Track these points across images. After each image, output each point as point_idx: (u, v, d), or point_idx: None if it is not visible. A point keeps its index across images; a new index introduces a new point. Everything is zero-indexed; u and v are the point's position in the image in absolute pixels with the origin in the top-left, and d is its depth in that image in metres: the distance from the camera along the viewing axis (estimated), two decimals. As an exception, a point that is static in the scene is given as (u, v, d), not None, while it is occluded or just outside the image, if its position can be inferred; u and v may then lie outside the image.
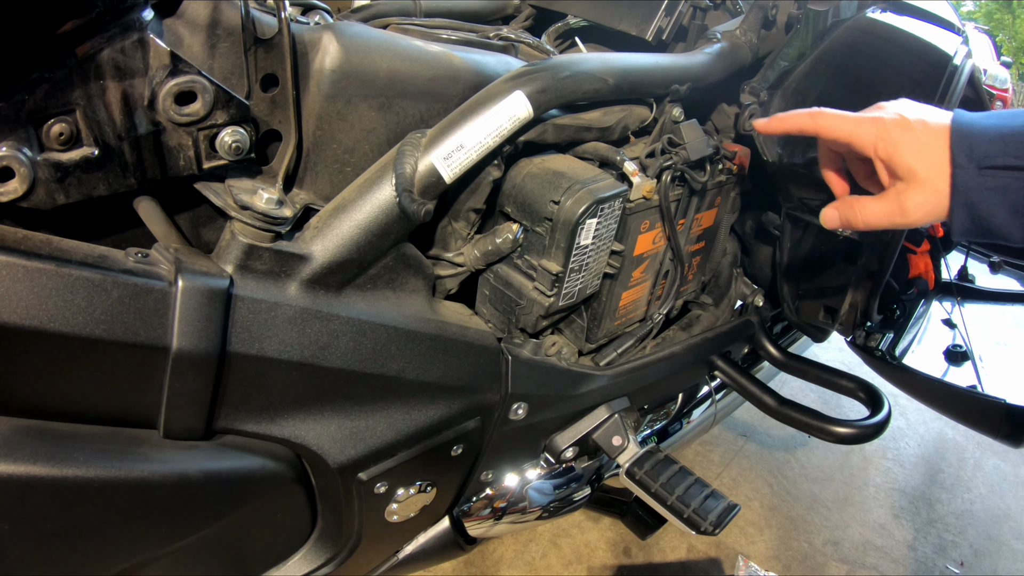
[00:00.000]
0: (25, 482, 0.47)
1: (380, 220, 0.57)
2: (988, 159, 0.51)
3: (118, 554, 0.56)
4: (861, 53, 0.88)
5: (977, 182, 0.51)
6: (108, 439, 0.52)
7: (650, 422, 1.10)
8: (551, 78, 0.62)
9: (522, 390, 0.73)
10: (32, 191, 0.45)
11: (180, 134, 0.50)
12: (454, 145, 0.58)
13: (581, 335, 0.79)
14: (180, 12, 0.51)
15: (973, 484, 1.92)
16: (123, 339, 0.46)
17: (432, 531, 0.84)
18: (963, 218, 0.52)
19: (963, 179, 0.51)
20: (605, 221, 0.66)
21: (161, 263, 0.49)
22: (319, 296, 0.56)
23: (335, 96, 0.58)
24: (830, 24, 0.91)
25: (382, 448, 0.65)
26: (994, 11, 19.99)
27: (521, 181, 0.67)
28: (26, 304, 0.43)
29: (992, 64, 9.04)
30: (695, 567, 1.48)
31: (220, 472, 0.57)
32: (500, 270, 0.70)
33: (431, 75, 0.63)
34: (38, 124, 0.44)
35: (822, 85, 0.85)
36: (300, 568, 0.73)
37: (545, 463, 0.88)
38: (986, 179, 0.51)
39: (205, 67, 0.52)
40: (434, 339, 0.64)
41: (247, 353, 0.53)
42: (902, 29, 0.92)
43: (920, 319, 1.29)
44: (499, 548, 1.44)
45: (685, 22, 0.91)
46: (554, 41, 1.01)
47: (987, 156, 0.51)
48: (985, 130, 0.52)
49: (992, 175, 0.51)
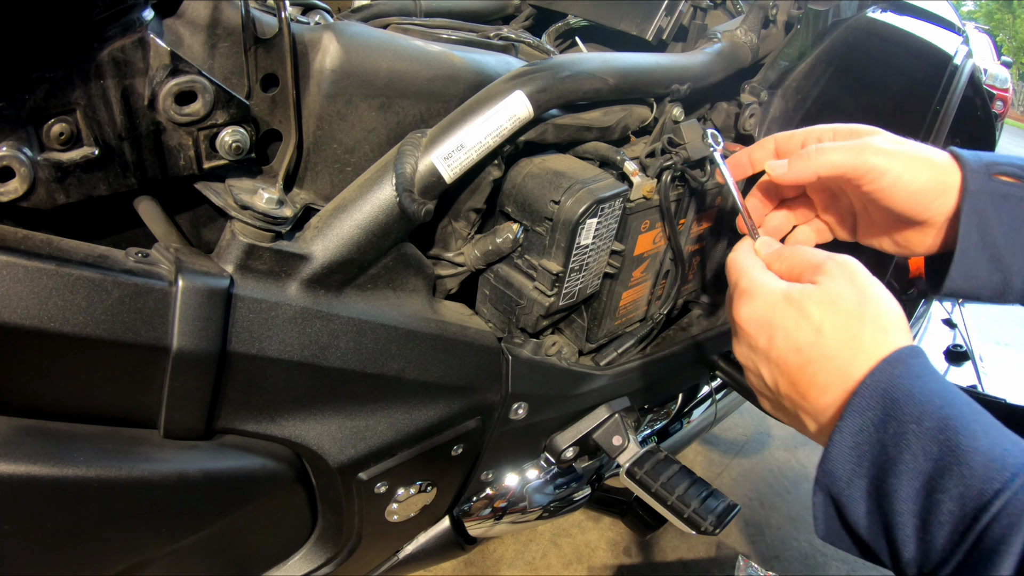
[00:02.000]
0: (25, 482, 0.47)
1: (380, 220, 0.57)
2: (997, 167, 0.51)
3: (118, 554, 0.56)
4: (861, 53, 0.88)
5: (988, 188, 0.50)
6: (108, 439, 0.52)
7: (650, 422, 1.10)
8: (551, 78, 0.62)
9: (522, 390, 0.73)
10: (32, 191, 0.45)
11: (180, 134, 0.50)
12: (454, 145, 0.58)
13: (581, 335, 0.79)
14: (180, 12, 0.51)
15: (973, 484, 1.92)
16: (123, 339, 0.46)
17: (432, 531, 0.84)
18: (973, 225, 0.50)
19: (974, 183, 0.50)
20: (605, 221, 0.66)
21: (161, 263, 0.49)
22: (319, 296, 0.56)
23: (335, 96, 0.58)
24: (830, 24, 0.91)
25: (382, 448, 0.65)
26: (994, 11, 19.99)
27: (521, 181, 0.67)
28: (27, 304, 0.43)
29: (992, 64, 9.05)
30: (695, 567, 1.48)
31: (220, 472, 0.57)
32: (500, 270, 0.70)
33: (431, 75, 0.63)
34: (38, 124, 0.44)
35: (822, 85, 0.85)
36: (300, 568, 0.73)
37: (545, 463, 0.88)
38: (996, 186, 0.50)
39: (205, 67, 0.52)
40: (434, 339, 0.64)
41: (247, 353, 0.53)
42: (902, 29, 0.92)
43: (920, 319, 1.29)
44: (499, 548, 1.44)
45: (685, 22, 0.91)
46: (554, 41, 1.00)
47: (995, 164, 0.51)
48: (983, 153, 0.52)
49: (1002, 184, 0.50)
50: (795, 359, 0.45)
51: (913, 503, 0.36)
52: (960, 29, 1.06)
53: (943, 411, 0.36)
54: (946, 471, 0.34)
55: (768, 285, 0.48)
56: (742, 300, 0.49)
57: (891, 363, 0.40)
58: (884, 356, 0.40)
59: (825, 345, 0.43)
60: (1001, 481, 0.33)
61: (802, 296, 0.45)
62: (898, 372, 0.39)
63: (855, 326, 0.42)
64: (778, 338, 0.46)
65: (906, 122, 0.86)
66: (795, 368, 0.45)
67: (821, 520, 0.43)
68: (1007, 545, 0.31)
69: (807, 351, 0.44)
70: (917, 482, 0.36)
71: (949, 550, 0.34)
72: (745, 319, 0.48)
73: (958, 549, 0.33)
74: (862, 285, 0.44)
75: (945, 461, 0.35)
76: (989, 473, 0.33)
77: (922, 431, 0.36)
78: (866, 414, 0.39)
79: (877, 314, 0.43)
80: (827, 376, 0.43)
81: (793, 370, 0.45)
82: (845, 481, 0.40)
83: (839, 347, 0.42)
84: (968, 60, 0.90)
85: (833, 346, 0.43)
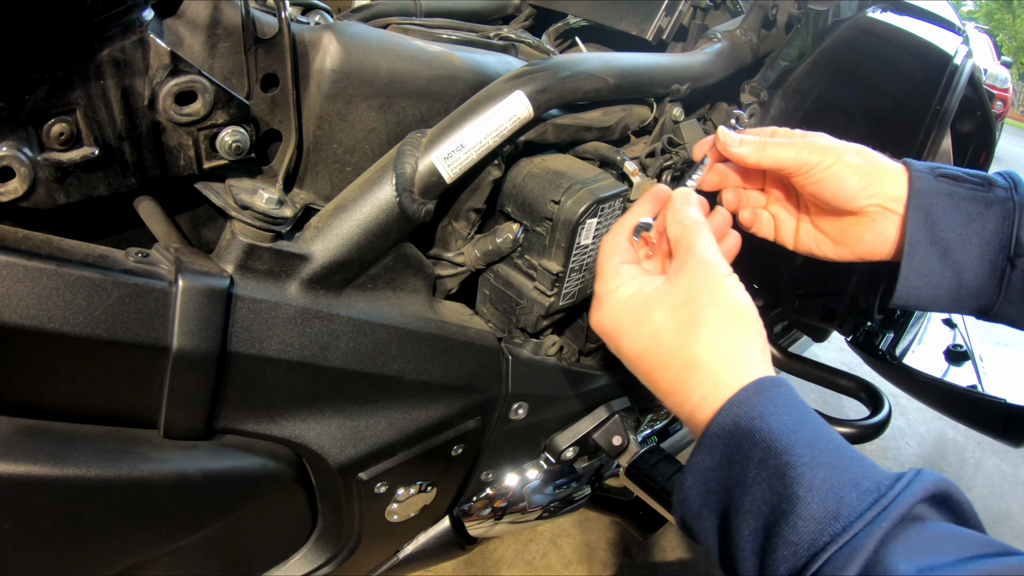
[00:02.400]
0: (25, 482, 0.47)
1: (380, 220, 0.57)
2: (941, 170, 0.54)
3: (118, 554, 0.56)
4: (861, 53, 0.88)
5: (934, 186, 0.53)
6: (108, 439, 0.52)
7: (650, 422, 1.10)
8: (551, 78, 0.62)
9: (522, 390, 0.73)
10: (32, 191, 0.45)
11: (180, 134, 0.50)
12: (454, 145, 0.58)
13: (582, 335, 0.79)
14: (180, 12, 0.51)
15: (973, 484, 1.92)
16: (123, 339, 0.46)
17: (432, 531, 0.84)
18: (920, 223, 0.52)
19: (920, 183, 0.53)
20: (605, 221, 0.66)
21: (161, 263, 0.49)
22: (319, 296, 0.56)
23: (335, 96, 0.58)
24: (830, 24, 0.91)
25: (382, 448, 0.65)
26: (994, 11, 20.00)
27: (521, 181, 0.67)
28: (27, 304, 0.43)
29: (992, 64, 9.05)
30: (695, 567, 1.48)
31: (220, 472, 0.57)
32: (500, 270, 0.70)
33: (431, 75, 0.63)
34: (38, 124, 0.44)
35: (822, 85, 0.85)
36: (300, 568, 0.73)
37: (545, 463, 0.88)
38: (942, 185, 0.53)
39: (205, 67, 0.52)
40: (434, 339, 0.64)
41: (247, 353, 0.53)
42: (902, 29, 0.92)
43: (920, 319, 1.29)
44: (499, 548, 1.44)
45: (685, 22, 0.91)
46: (554, 41, 1.00)
47: (940, 168, 0.54)
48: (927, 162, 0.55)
49: (948, 183, 0.53)
50: (640, 365, 0.46)
51: (753, 542, 0.37)
52: (960, 29, 1.06)
53: (784, 458, 0.37)
54: (782, 518, 0.36)
55: (614, 294, 0.48)
56: (594, 306, 0.50)
57: (737, 402, 0.40)
58: (733, 393, 0.41)
59: (664, 355, 0.44)
60: (831, 534, 0.34)
61: (647, 301, 0.46)
62: (745, 410, 0.40)
63: (696, 340, 0.43)
64: (624, 344, 0.47)
65: (906, 122, 0.86)
66: (643, 374, 0.47)
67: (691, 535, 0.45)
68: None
69: (647, 359, 0.45)
70: (758, 523, 0.37)
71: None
72: (595, 325, 0.50)
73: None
74: (720, 299, 0.44)
75: (782, 508, 0.36)
76: (820, 525, 0.34)
77: (763, 478, 0.37)
78: (713, 454, 0.41)
79: (724, 332, 0.43)
80: (669, 384, 0.44)
81: (643, 375, 0.47)
82: (695, 513, 0.42)
83: (676, 357, 0.44)
84: (968, 60, 0.90)
85: (670, 356, 0.44)
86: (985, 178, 0.54)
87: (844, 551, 0.33)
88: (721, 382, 0.42)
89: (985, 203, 0.52)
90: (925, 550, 0.33)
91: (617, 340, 0.47)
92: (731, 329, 0.43)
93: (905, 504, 0.34)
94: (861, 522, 0.34)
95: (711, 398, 0.42)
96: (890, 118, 0.86)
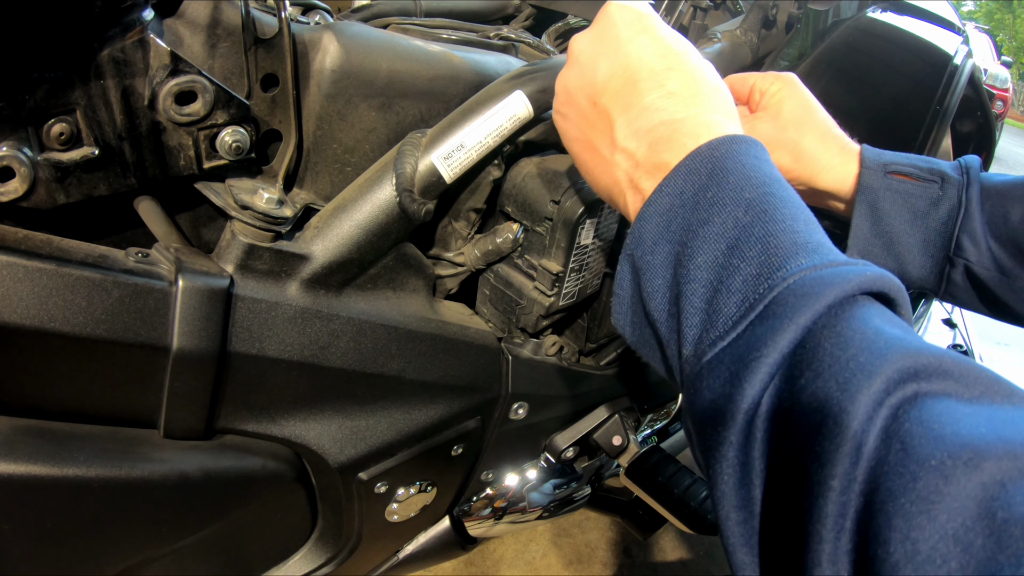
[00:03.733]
0: (25, 482, 0.47)
1: (380, 220, 0.57)
2: (894, 166, 0.56)
3: (118, 554, 0.56)
4: (861, 53, 0.88)
5: (882, 183, 0.55)
6: (108, 439, 0.52)
7: (650, 422, 1.10)
8: (551, 78, 0.62)
9: (522, 390, 0.73)
10: (32, 191, 0.45)
11: (180, 134, 0.50)
12: (454, 145, 0.58)
13: (582, 335, 0.79)
14: (180, 12, 0.51)
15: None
16: (123, 339, 0.46)
17: (432, 531, 0.84)
18: (864, 215, 0.55)
19: (869, 179, 0.55)
20: (605, 221, 0.66)
21: (161, 263, 0.49)
22: (319, 296, 0.56)
23: (335, 96, 0.58)
24: (830, 24, 0.91)
25: (382, 448, 0.65)
26: (994, 11, 19.99)
27: (521, 181, 0.67)
28: (26, 304, 0.43)
29: (992, 64, 9.06)
30: (695, 567, 1.48)
31: (220, 472, 0.57)
32: (500, 270, 0.70)
33: (431, 75, 0.63)
34: (38, 124, 0.44)
35: (822, 85, 0.85)
36: (300, 568, 0.73)
37: (545, 463, 0.88)
38: (891, 182, 0.55)
39: (205, 67, 0.52)
40: (434, 339, 0.64)
41: (247, 353, 0.53)
42: (902, 29, 0.92)
43: (920, 319, 1.29)
44: (499, 548, 1.44)
45: (685, 22, 0.91)
46: (554, 41, 1.00)
47: (894, 163, 0.56)
48: (886, 152, 0.58)
49: (897, 181, 0.55)
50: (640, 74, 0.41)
51: (707, 271, 0.33)
52: (960, 29, 1.06)
53: (766, 188, 0.34)
54: (752, 237, 0.32)
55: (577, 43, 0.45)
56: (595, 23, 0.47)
57: (731, 140, 0.37)
58: (722, 135, 0.37)
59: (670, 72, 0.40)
60: (807, 255, 0.30)
61: (668, 33, 0.43)
62: (736, 149, 0.36)
63: (700, 87, 0.40)
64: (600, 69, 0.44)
65: (906, 122, 0.86)
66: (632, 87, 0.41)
67: (618, 298, 0.40)
68: (795, 315, 0.28)
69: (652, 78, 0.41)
70: (720, 246, 0.33)
71: (736, 319, 0.31)
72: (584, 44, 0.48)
73: (744, 319, 0.31)
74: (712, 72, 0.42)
75: (755, 229, 0.32)
76: (796, 249, 0.31)
77: (740, 199, 0.34)
78: (690, 177, 0.36)
79: (715, 92, 0.40)
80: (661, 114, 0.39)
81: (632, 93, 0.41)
82: (650, 245, 0.37)
83: (684, 97, 0.40)
84: (968, 60, 0.90)
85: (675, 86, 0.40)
86: (938, 172, 0.56)
87: (819, 276, 0.29)
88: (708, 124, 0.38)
89: (933, 201, 0.55)
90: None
91: (617, 50, 0.44)
92: (719, 94, 0.42)
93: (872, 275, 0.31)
94: (841, 259, 0.30)
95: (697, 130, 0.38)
96: (890, 118, 0.86)
